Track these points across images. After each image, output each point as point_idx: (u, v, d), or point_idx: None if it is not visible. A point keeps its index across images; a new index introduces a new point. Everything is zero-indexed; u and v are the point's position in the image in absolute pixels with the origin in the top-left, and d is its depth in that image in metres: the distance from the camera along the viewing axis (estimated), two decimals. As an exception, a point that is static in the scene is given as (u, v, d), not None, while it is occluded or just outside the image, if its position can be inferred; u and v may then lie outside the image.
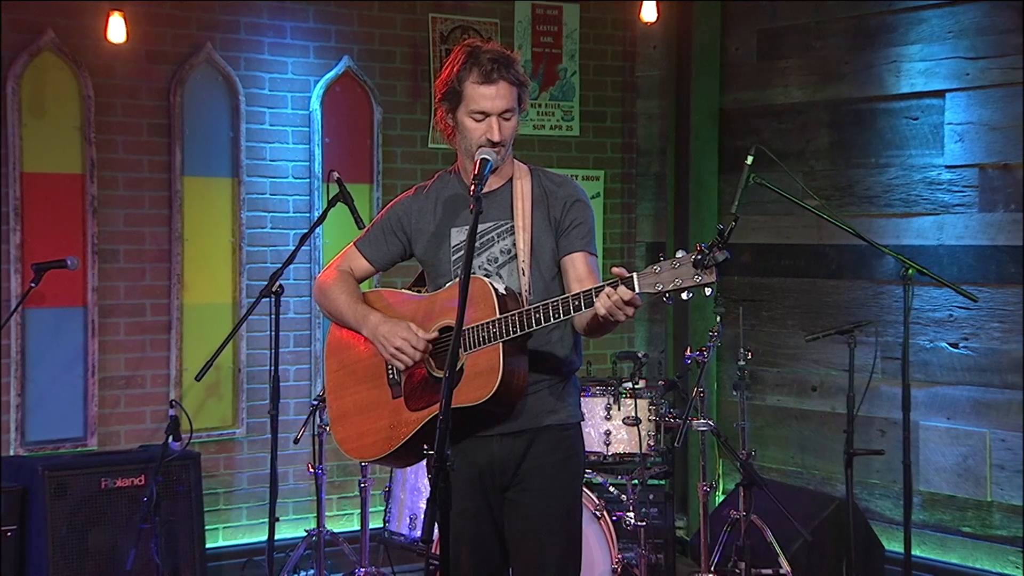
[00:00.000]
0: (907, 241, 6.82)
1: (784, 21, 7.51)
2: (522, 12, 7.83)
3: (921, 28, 6.83)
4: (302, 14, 7.16)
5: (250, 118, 7.01)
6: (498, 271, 3.89)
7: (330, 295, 4.06)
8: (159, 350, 6.84)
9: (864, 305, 7.05)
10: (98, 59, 6.62)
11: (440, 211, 3.99)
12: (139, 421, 6.79)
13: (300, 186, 7.18)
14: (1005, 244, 6.52)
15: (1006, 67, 6.51)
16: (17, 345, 6.44)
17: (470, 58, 3.84)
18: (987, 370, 6.61)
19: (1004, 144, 6.52)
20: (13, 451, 6.43)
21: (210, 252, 6.96)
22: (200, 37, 6.87)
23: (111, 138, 6.69)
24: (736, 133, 7.70)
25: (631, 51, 8.22)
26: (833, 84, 7.25)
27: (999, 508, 6.56)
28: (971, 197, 6.63)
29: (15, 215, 6.42)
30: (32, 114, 6.50)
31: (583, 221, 3.93)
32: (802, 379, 7.41)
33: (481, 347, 3.69)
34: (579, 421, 4.01)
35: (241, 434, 7.04)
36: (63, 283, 6.44)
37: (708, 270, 3.41)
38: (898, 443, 5.68)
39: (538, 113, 7.87)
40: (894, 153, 6.95)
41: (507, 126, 3.84)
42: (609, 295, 3.50)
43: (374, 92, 7.34)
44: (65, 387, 6.60)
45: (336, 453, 5.91)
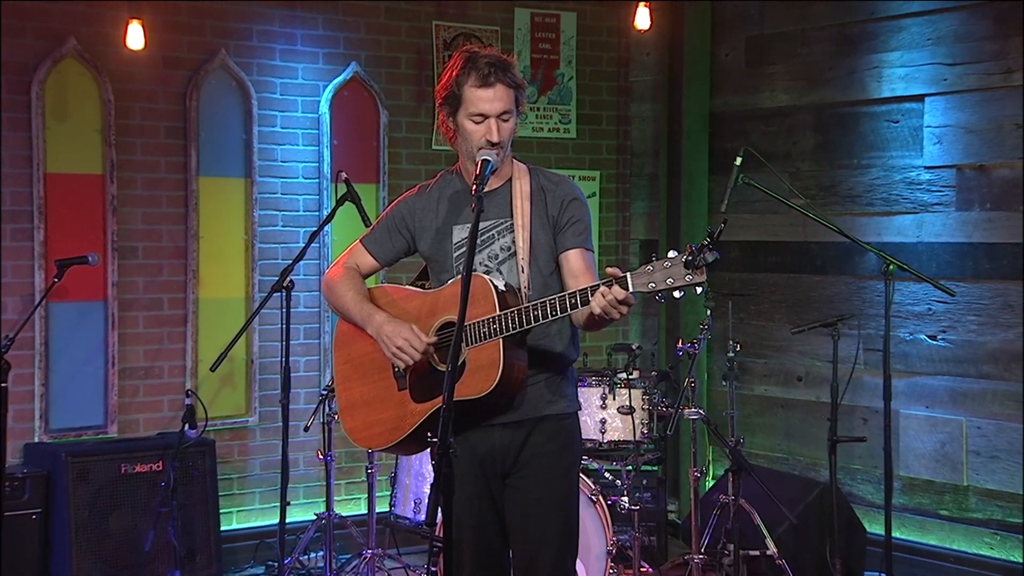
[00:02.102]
0: (888, 238, 6.82)
1: (771, 29, 7.50)
2: (521, 20, 7.83)
3: (901, 36, 6.83)
4: (312, 22, 7.16)
5: (262, 121, 7.01)
6: (498, 267, 3.89)
7: (337, 291, 4.05)
8: (176, 342, 6.85)
9: (847, 299, 7.06)
10: (118, 65, 6.62)
11: (443, 209, 3.98)
12: (157, 410, 6.80)
13: (310, 186, 7.18)
14: (981, 241, 6.52)
15: (982, 73, 6.51)
16: (41, 337, 6.44)
17: (468, 63, 3.83)
18: (964, 361, 6.61)
19: (980, 146, 6.52)
20: (37, 438, 6.44)
21: (224, 249, 6.96)
22: (215, 44, 6.87)
23: (130, 140, 6.69)
24: (726, 135, 7.70)
25: (625, 57, 8.22)
26: (818, 89, 7.25)
27: (975, 492, 6.57)
28: (949, 197, 6.63)
29: (39, 214, 6.43)
30: (55, 118, 6.50)
31: (580, 218, 3.91)
32: (788, 370, 7.42)
33: (482, 342, 3.69)
34: (576, 411, 4.01)
35: (254, 422, 7.05)
36: (84, 279, 6.44)
37: (699, 270, 3.41)
38: (879, 430, 5.69)
39: (537, 116, 7.86)
40: (876, 155, 6.95)
41: (505, 127, 3.82)
42: (604, 294, 3.50)
43: (380, 96, 7.34)
44: (87, 377, 6.61)
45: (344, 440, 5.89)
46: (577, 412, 4.02)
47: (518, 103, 3.86)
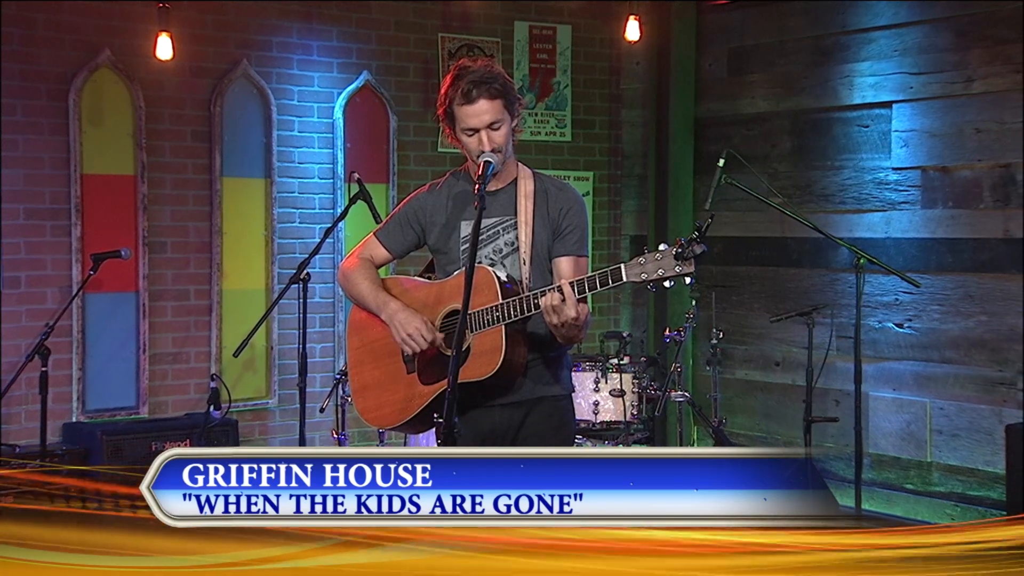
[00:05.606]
0: (859, 234, 6.83)
1: (751, 40, 7.50)
2: (521, 32, 7.83)
3: (871, 47, 6.83)
4: (327, 34, 7.16)
5: (281, 126, 7.01)
6: (502, 261, 3.88)
7: (353, 280, 4.03)
8: (201, 330, 6.85)
9: (821, 290, 7.06)
10: (148, 74, 6.62)
11: (451, 206, 3.96)
12: (184, 392, 6.81)
13: (324, 186, 7.18)
14: (944, 237, 6.53)
15: (945, 82, 6.51)
16: (78, 325, 6.45)
17: (455, 81, 3.76)
18: (928, 347, 6.62)
19: (943, 149, 6.53)
20: (75, 418, 6.45)
21: (246, 244, 6.97)
22: (237, 55, 6.87)
23: (159, 144, 6.69)
24: (709, 139, 7.70)
25: (617, 66, 8.21)
26: (794, 96, 7.25)
27: (937, 468, 6.58)
28: (915, 196, 6.64)
29: (76, 211, 6.43)
30: (91, 123, 6.50)
31: (577, 226, 3.88)
32: (767, 355, 7.42)
33: (485, 329, 3.70)
34: (570, 393, 4.01)
35: (273, 404, 7.05)
36: (118, 271, 6.44)
37: (687, 262, 3.41)
38: (850, 411, 5.70)
39: (535, 121, 7.87)
40: (847, 157, 6.96)
41: (497, 135, 3.75)
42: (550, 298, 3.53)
43: (390, 103, 7.34)
44: (120, 362, 6.62)
45: (357, 421, 5.93)
46: (571, 394, 4.01)
47: (510, 108, 3.78)
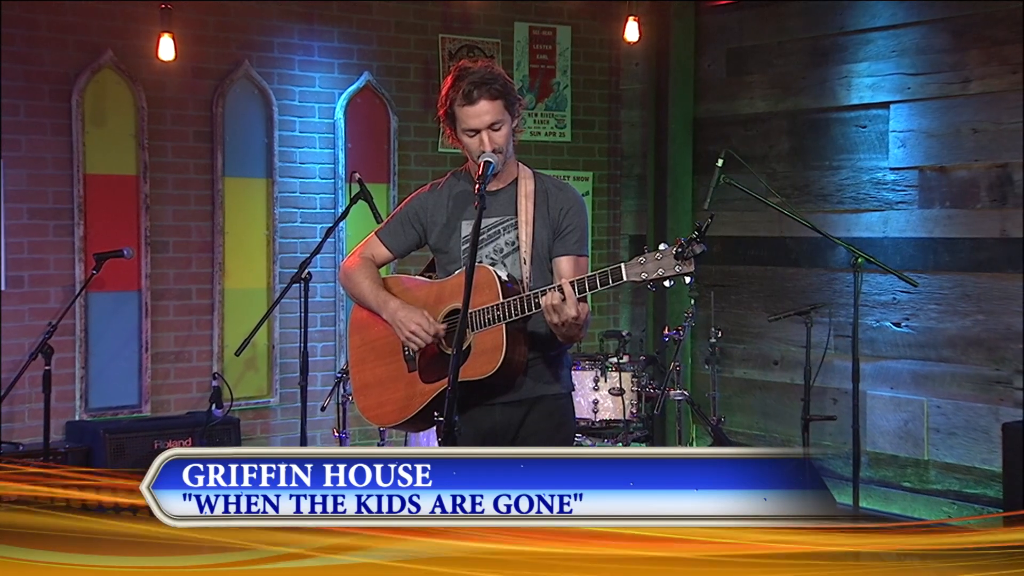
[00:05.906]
0: (857, 234, 6.81)
1: (750, 41, 7.49)
2: (521, 33, 7.81)
3: (868, 48, 6.81)
4: (328, 35, 7.14)
5: (282, 126, 7.00)
6: (503, 260, 3.87)
7: (354, 279, 4.02)
8: (203, 329, 6.83)
9: (819, 290, 7.05)
10: (151, 75, 6.60)
11: (451, 205, 3.95)
12: (186, 391, 6.79)
13: (326, 186, 7.16)
14: (941, 236, 6.52)
15: (942, 82, 6.50)
16: (81, 324, 6.43)
17: (456, 82, 3.75)
18: (925, 346, 6.60)
19: (940, 149, 6.51)
20: (78, 416, 6.43)
21: (247, 243, 6.95)
22: (239, 56, 6.85)
23: (162, 144, 6.67)
24: (708, 139, 7.68)
25: (616, 67, 8.20)
26: (792, 96, 7.23)
27: (934, 466, 6.57)
28: (912, 195, 6.62)
29: (79, 211, 6.41)
30: (93, 123, 6.48)
31: (577, 226, 3.87)
32: (765, 354, 7.41)
33: (486, 328, 3.68)
34: (570, 391, 3.99)
35: (275, 402, 7.04)
36: (120, 271, 6.43)
37: (687, 261, 3.39)
38: (848, 410, 5.68)
39: (535, 121, 7.85)
40: (845, 157, 6.94)
41: (498, 135, 3.73)
42: (551, 297, 3.51)
43: (391, 103, 7.32)
44: (122, 361, 6.60)
45: (358, 419, 5.90)
46: (571, 393, 4.00)
47: (510, 109, 3.76)
